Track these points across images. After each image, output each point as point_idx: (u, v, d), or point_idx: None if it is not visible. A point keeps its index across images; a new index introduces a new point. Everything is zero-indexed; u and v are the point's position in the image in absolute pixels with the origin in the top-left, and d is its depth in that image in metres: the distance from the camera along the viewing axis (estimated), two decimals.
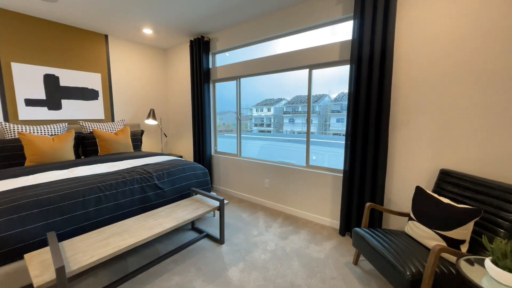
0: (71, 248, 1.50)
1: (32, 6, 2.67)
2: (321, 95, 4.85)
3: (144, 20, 3.08)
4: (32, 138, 2.58)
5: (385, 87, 2.05)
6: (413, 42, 2.00)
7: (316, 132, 5.29)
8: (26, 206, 1.59)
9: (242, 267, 1.91)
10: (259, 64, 3.09)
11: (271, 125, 6.76)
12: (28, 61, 2.96)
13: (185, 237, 2.37)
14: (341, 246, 2.22)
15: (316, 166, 2.77)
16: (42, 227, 1.60)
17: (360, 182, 2.28)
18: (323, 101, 5.09)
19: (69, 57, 3.28)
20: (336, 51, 2.44)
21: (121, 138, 3.30)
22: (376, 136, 2.16)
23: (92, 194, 1.87)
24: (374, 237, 1.70)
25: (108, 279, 1.77)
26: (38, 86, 3.05)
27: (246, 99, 5.85)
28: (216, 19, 3.06)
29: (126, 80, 3.92)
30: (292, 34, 2.84)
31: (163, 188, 2.32)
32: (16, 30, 2.85)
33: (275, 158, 3.12)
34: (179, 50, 4.16)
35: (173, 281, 1.75)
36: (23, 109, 2.97)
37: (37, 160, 2.58)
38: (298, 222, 2.73)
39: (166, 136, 4.50)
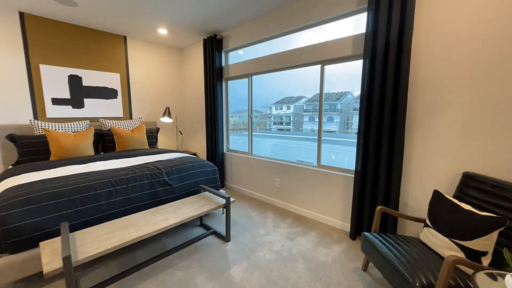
0: (81, 239, 1.58)
1: (57, 11, 2.86)
2: (344, 92, 4.65)
3: (159, 20, 3.16)
4: (56, 134, 2.77)
5: (402, 82, 1.91)
6: (433, 34, 1.83)
7: (337, 131, 5.10)
8: (43, 197, 1.71)
9: (245, 266, 1.90)
10: (270, 61, 3.04)
11: (291, 124, 6.63)
12: (55, 62, 3.18)
13: (193, 233, 2.41)
14: (351, 251, 2.12)
15: (328, 166, 2.67)
16: (57, 218, 1.71)
17: (372, 184, 2.16)
18: (345, 98, 4.89)
19: (91, 58, 3.47)
20: (349, 46, 2.32)
21: (136, 135, 3.43)
22: (391, 135, 2.02)
23: (103, 188, 1.96)
24: (383, 243, 1.59)
25: (117, 270, 1.84)
26: (63, 86, 3.26)
27: (266, 97, 5.79)
28: (229, 16, 3.06)
29: (143, 79, 4.07)
30: (304, 28, 2.75)
31: (172, 184, 2.37)
32: (44, 35, 3.07)
33: (293, 158, 3.04)
34: (193, 49, 4.23)
35: (176, 276, 1.77)
36: (50, 108, 3.20)
37: (60, 155, 2.76)
38: (308, 223, 2.65)
39: (182, 133, 4.61)
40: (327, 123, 5.58)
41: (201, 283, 1.70)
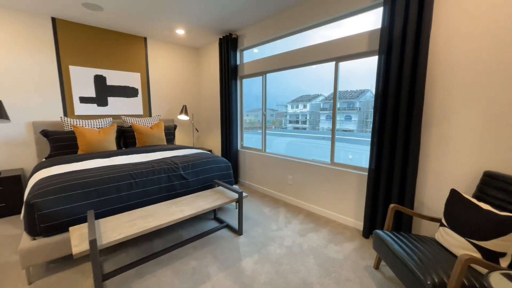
0: (104, 225, 1.71)
1: (84, 15, 3.07)
2: (363, 90, 4.54)
3: (177, 21, 3.29)
4: (83, 130, 2.99)
5: (418, 79, 1.85)
6: (452, 30, 1.76)
7: (355, 130, 4.99)
8: (72, 187, 1.86)
9: (256, 259, 1.95)
10: (284, 59, 3.06)
11: (307, 122, 6.55)
12: (82, 64, 3.41)
13: (207, 225, 2.50)
14: (363, 249, 2.10)
15: (341, 164, 2.65)
16: (84, 206, 1.86)
17: (387, 182, 2.12)
18: (364, 96, 4.77)
19: (114, 59, 3.68)
20: (364, 41, 2.29)
21: (155, 131, 3.60)
22: (406, 132, 1.98)
23: (125, 180, 2.10)
24: (396, 241, 1.57)
25: (136, 256, 1.97)
26: (90, 86, 3.49)
27: (281, 96, 5.78)
28: (244, 15, 3.11)
29: (162, 78, 4.24)
30: (319, 25, 2.74)
31: (188, 178, 2.47)
32: (72, 38, 3.30)
33: (308, 157, 3.04)
34: (209, 48, 4.33)
35: (191, 265, 1.87)
36: (78, 106, 3.44)
37: (86, 149, 2.98)
38: (320, 221, 2.65)
39: (198, 131, 4.75)
40: (344, 121, 5.44)
41: (214, 273, 1.78)
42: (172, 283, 1.67)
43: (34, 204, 1.67)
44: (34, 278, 1.72)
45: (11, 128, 2.98)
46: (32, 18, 2.99)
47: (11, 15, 2.86)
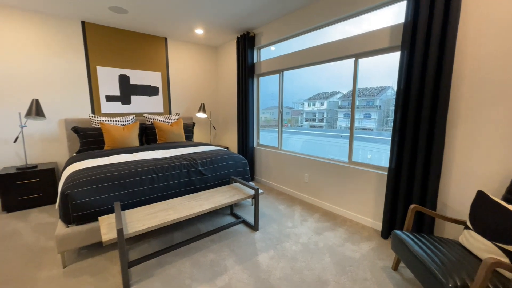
0: (130, 216, 1.82)
1: (111, 18, 3.24)
2: (384, 87, 4.40)
3: (197, 21, 3.37)
4: (109, 127, 3.17)
5: (444, 76, 1.78)
6: (482, 24, 1.66)
7: (375, 128, 4.84)
8: (101, 180, 2.00)
9: (272, 254, 1.98)
10: (301, 56, 3.04)
11: (324, 121, 6.44)
12: (108, 64, 3.61)
13: (224, 220, 2.57)
14: (381, 249, 2.06)
15: (359, 163, 2.60)
16: (111, 197, 1.99)
17: (407, 182, 2.06)
18: (385, 93, 4.61)
19: (137, 59, 3.86)
20: (385, 37, 2.22)
21: (175, 129, 3.73)
22: (429, 131, 1.90)
23: (147, 175, 2.21)
24: (416, 242, 1.53)
25: (158, 247, 2.08)
26: (115, 85, 3.69)
27: (298, 93, 5.73)
28: (262, 13, 3.13)
29: (181, 77, 4.38)
30: (339, 21, 2.69)
31: (206, 174, 2.55)
32: (99, 40, 3.50)
33: (324, 156, 3.01)
34: (227, 47, 4.40)
35: (209, 257, 1.94)
36: (105, 104, 3.65)
37: (112, 145, 3.16)
38: (336, 220, 2.63)
39: (215, 128, 4.85)
40: (363, 120, 5.28)
41: (231, 265, 1.84)
42: (191, 273, 1.75)
43: (68, 194, 1.82)
44: (68, 262, 1.87)
45: (46, 125, 3.24)
46: (64, 23, 3.21)
47: (45, 20, 3.09)
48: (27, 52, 3.02)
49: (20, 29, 2.95)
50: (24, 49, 3.00)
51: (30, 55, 3.04)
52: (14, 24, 2.91)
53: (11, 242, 2.17)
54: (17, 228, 2.41)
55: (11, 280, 1.68)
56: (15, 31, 2.93)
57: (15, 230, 2.37)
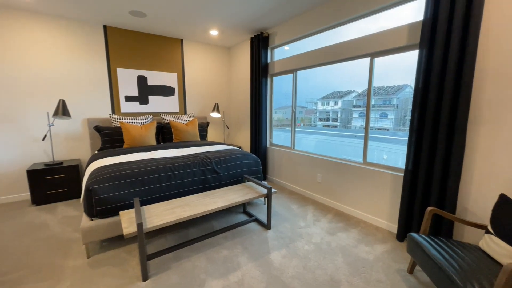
0: (148, 212, 1.91)
1: (130, 22, 3.38)
2: (401, 85, 4.27)
3: (212, 23, 3.44)
4: (128, 126, 3.31)
5: (465, 74, 1.71)
6: (507, 21, 1.59)
7: (392, 128, 4.72)
8: (121, 176, 2.11)
9: (284, 253, 2.00)
10: (316, 56, 3.02)
11: (338, 120, 6.33)
12: (127, 66, 3.77)
13: (237, 218, 2.62)
14: (396, 252, 2.02)
15: (374, 164, 2.56)
16: (131, 193, 2.09)
17: (425, 184, 2.00)
18: (403, 92, 4.47)
19: (154, 60, 3.99)
20: (403, 35, 2.17)
21: (190, 128, 3.83)
22: (449, 132, 1.84)
23: (164, 172, 2.30)
24: (433, 246, 1.50)
25: (174, 242, 2.16)
26: (133, 86, 3.84)
27: (311, 92, 5.67)
28: (276, 13, 3.14)
29: (196, 77, 4.48)
30: (354, 20, 2.65)
31: (220, 172, 2.61)
32: (119, 42, 3.66)
33: (338, 156, 2.98)
34: (241, 47, 4.44)
35: (222, 253, 1.99)
36: (124, 104, 3.81)
37: (131, 144, 3.30)
38: (350, 221, 2.60)
39: (228, 128, 4.92)
40: (379, 119, 5.14)
41: (243, 262, 1.88)
42: (205, 268, 1.81)
43: (92, 190, 1.94)
44: (92, 253, 2.00)
45: (71, 124, 3.44)
46: (88, 27, 3.39)
47: (70, 25, 3.27)
48: (55, 56, 3.22)
49: (48, 34, 3.15)
50: (52, 53, 3.20)
51: (57, 59, 3.24)
52: (43, 30, 3.11)
53: (41, 233, 2.33)
54: (45, 220, 2.59)
55: (42, 268, 1.82)
56: (44, 36, 3.13)
57: (43, 222, 2.55)
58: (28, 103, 3.12)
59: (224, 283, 1.66)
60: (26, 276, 1.73)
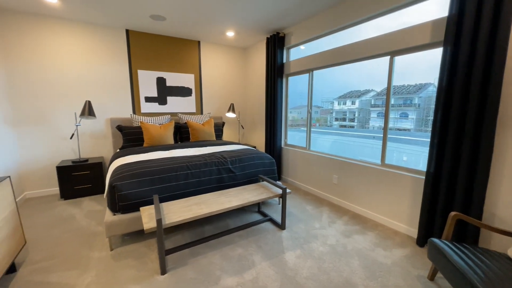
0: (166, 208, 1.99)
1: (150, 25, 3.51)
2: (424, 84, 4.11)
3: (228, 24, 3.50)
4: (148, 126, 3.45)
5: (494, 73, 1.62)
6: None
7: (413, 129, 4.55)
8: (142, 174, 2.21)
9: (298, 253, 2.00)
10: (333, 55, 2.98)
11: (355, 120, 6.19)
12: (147, 67, 3.92)
13: (251, 217, 2.65)
14: (416, 257, 1.95)
15: (393, 165, 2.48)
16: (151, 190, 2.18)
17: (448, 188, 1.91)
18: (425, 91, 4.29)
19: (172, 62, 4.12)
20: (426, 32, 2.08)
21: (206, 128, 3.91)
22: (475, 133, 1.75)
23: (182, 171, 2.37)
24: (456, 252, 1.44)
25: (190, 238, 2.23)
26: (153, 87, 3.99)
27: (327, 92, 5.58)
28: (293, 13, 3.13)
29: (212, 78, 4.57)
30: (375, 17, 2.58)
31: (235, 172, 2.65)
32: (140, 45, 3.81)
33: (355, 157, 2.92)
34: (256, 48, 4.47)
35: (237, 251, 2.02)
36: (144, 104, 3.97)
37: (150, 143, 3.43)
38: (367, 223, 2.54)
39: (243, 128, 4.97)
40: (399, 119, 4.95)
41: (258, 261, 1.90)
42: (221, 265, 1.85)
43: (115, 186, 2.04)
44: (114, 246, 2.11)
45: (96, 124, 3.63)
46: (111, 32, 3.56)
47: (95, 30, 3.46)
48: (81, 60, 3.42)
49: (76, 39, 3.35)
50: (79, 57, 3.40)
51: (84, 62, 3.44)
52: (71, 35, 3.32)
53: (68, 225, 2.49)
54: (72, 214, 2.76)
55: (70, 258, 1.94)
56: (72, 41, 3.33)
57: (71, 215, 2.72)
58: (58, 104, 3.34)
59: (239, 280, 1.69)
60: (56, 265, 1.86)
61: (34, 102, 3.20)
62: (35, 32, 3.11)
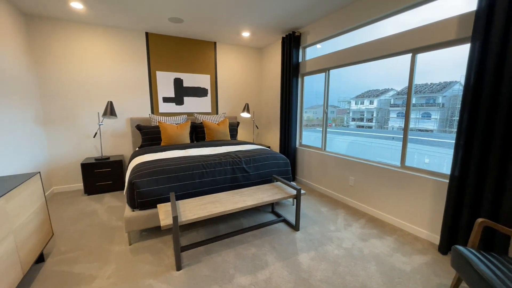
0: (182, 206, 2.03)
1: (169, 27, 3.61)
2: (449, 82, 3.91)
3: (244, 25, 3.52)
4: (165, 125, 3.55)
5: None
6: None
7: (436, 129, 4.35)
8: (159, 172, 2.27)
9: (313, 255, 1.97)
10: (350, 54, 2.90)
11: (373, 120, 6.01)
12: (165, 69, 4.03)
13: (265, 217, 2.64)
14: (438, 265, 1.86)
15: (414, 168, 2.37)
16: (167, 188, 2.24)
17: (475, 193, 1.80)
18: (450, 90, 4.07)
19: (189, 63, 4.21)
20: (451, 28, 1.97)
21: (221, 128, 3.96)
22: (506, 134, 1.63)
23: (198, 170, 2.42)
24: (482, 261, 1.35)
25: (205, 236, 2.26)
26: (170, 88, 4.10)
27: (344, 91, 5.46)
28: (309, 11, 3.09)
29: (228, 78, 4.62)
30: (393, 14, 2.49)
31: (249, 171, 2.66)
32: (159, 47, 3.93)
33: (372, 158, 2.84)
34: (272, 47, 4.46)
35: (250, 251, 2.03)
36: (162, 105, 4.09)
37: (167, 142, 3.53)
38: (385, 227, 2.45)
39: (258, 127, 4.98)
40: (421, 120, 4.72)
41: (271, 261, 1.89)
42: (234, 264, 1.86)
43: (134, 183, 2.12)
44: (133, 241, 2.19)
45: (117, 123, 3.80)
46: (132, 35, 3.71)
47: (117, 34, 3.62)
48: (104, 62, 3.59)
49: (99, 42, 3.52)
50: (102, 59, 3.57)
51: (106, 64, 3.61)
52: (94, 38, 3.49)
53: (91, 219, 2.62)
54: (95, 209, 2.91)
55: (92, 251, 2.05)
56: (95, 44, 3.51)
57: (93, 210, 2.86)
58: (83, 105, 3.53)
59: (252, 280, 1.69)
60: (80, 257, 1.97)
61: (62, 103, 3.40)
62: (63, 36, 3.30)
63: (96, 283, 1.67)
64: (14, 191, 1.54)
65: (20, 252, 1.53)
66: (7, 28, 2.63)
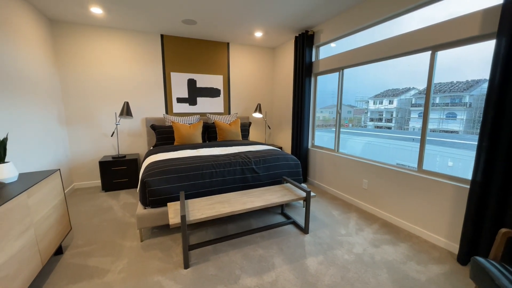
0: (192, 205, 2.07)
1: (183, 29, 3.68)
2: (477, 80, 3.67)
3: (256, 25, 3.51)
4: (178, 125, 3.63)
5: None
6: None
7: (462, 131, 4.11)
8: (170, 171, 2.33)
9: (321, 259, 1.92)
10: (366, 52, 2.80)
11: (393, 120, 5.77)
12: (179, 70, 4.12)
13: (274, 219, 2.62)
14: (456, 276, 1.74)
15: (431, 172, 2.25)
16: (177, 187, 2.29)
17: (498, 200, 1.67)
18: (478, 88, 3.82)
19: (202, 64, 4.27)
20: (474, 23, 1.85)
21: (233, 128, 3.99)
22: None
23: (208, 169, 2.45)
24: (505, 275, 1.25)
25: (213, 236, 2.29)
26: (184, 88, 4.19)
27: (361, 90, 5.29)
28: (322, 10, 3.02)
29: (240, 79, 4.63)
30: (411, 10, 2.37)
31: (259, 172, 2.65)
32: (173, 49, 4.03)
33: (391, 160, 2.71)
34: (284, 47, 4.42)
35: (258, 252, 2.02)
36: (175, 105, 4.19)
37: (180, 141, 3.61)
38: (399, 234, 2.34)
39: (270, 128, 4.96)
40: (445, 120, 4.45)
41: (278, 264, 1.87)
42: (241, 265, 1.86)
43: (146, 182, 2.19)
44: (144, 237, 2.26)
45: (133, 123, 3.94)
46: (148, 37, 3.83)
47: (133, 36, 3.75)
48: (121, 63, 3.73)
49: (116, 45, 3.67)
50: (119, 61, 3.72)
51: (123, 66, 3.75)
52: (111, 41, 3.64)
53: (107, 215, 2.74)
54: (111, 205, 3.03)
55: (106, 245, 2.14)
56: (113, 47, 3.66)
57: (109, 206, 2.99)
58: (102, 105, 3.69)
59: (258, 281, 1.68)
60: (94, 250, 2.06)
61: (82, 103, 3.59)
62: (83, 40, 3.47)
63: (108, 277, 1.74)
64: (35, 187, 1.64)
65: (40, 244, 1.63)
66: (36, 33, 2.81)
